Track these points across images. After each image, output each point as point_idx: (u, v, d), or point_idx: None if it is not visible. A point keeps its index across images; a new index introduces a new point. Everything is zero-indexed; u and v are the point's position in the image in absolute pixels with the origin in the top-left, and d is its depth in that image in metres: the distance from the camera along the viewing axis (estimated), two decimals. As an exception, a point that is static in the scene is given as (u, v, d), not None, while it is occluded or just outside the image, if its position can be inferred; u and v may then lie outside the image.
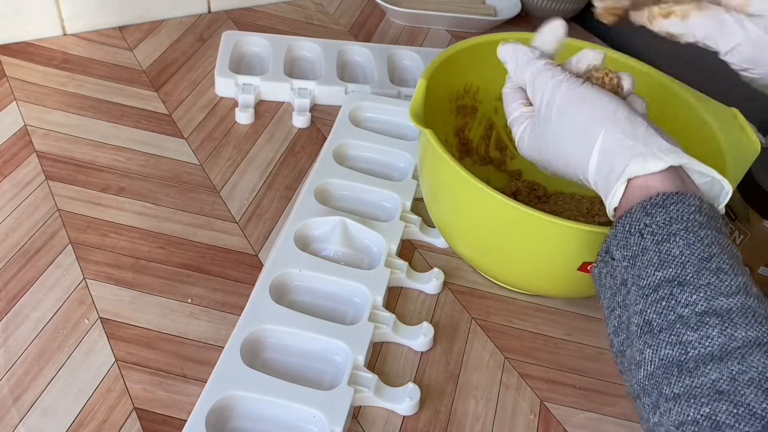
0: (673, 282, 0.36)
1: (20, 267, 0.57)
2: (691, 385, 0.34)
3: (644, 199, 0.39)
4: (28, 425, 0.47)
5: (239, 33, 0.84)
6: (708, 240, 0.37)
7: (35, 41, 0.81)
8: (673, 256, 0.37)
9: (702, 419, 0.33)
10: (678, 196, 0.38)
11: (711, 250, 0.37)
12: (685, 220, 0.37)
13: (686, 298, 0.35)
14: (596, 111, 0.42)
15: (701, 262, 0.36)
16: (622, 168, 0.40)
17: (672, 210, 0.38)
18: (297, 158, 0.71)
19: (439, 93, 0.62)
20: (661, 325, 0.36)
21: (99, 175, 0.66)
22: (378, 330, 0.55)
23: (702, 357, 0.34)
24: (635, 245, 0.38)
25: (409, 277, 0.60)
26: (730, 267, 0.36)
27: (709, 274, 0.36)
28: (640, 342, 0.37)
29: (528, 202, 0.67)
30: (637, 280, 0.38)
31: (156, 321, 0.55)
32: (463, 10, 0.95)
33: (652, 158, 0.39)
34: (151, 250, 0.60)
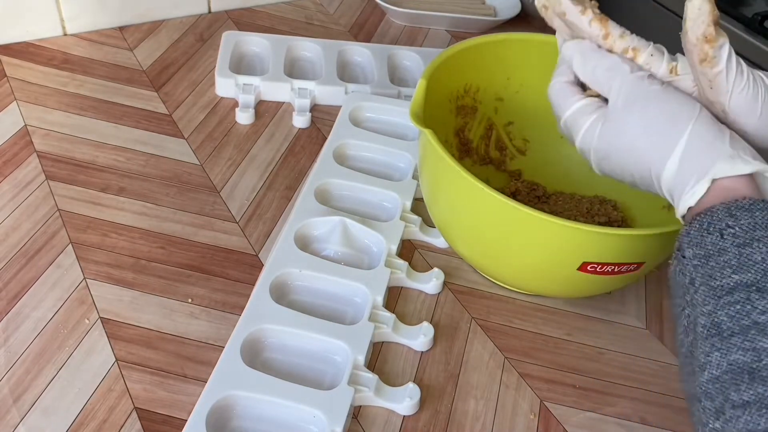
0: (752, 287, 0.35)
1: (21, 267, 0.57)
2: (764, 394, 0.33)
3: (728, 201, 0.38)
4: (28, 425, 0.47)
5: (239, 33, 0.84)
6: None
7: (35, 41, 0.81)
8: (755, 261, 0.36)
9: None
10: (764, 203, 0.37)
11: None
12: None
13: (765, 305, 0.35)
14: (682, 108, 0.41)
15: None
16: (708, 167, 0.39)
17: (758, 216, 0.37)
18: (297, 158, 0.72)
19: (439, 93, 0.62)
20: (732, 329, 0.35)
21: (99, 175, 0.66)
22: (378, 330, 0.55)
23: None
24: (711, 245, 0.37)
25: (409, 277, 0.60)
26: None
27: None
28: (707, 344, 0.36)
29: (528, 202, 0.67)
30: (708, 280, 0.37)
31: (156, 321, 0.55)
32: (463, 10, 0.95)
33: (740, 161, 0.39)
34: (151, 250, 0.60)
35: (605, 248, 0.49)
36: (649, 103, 0.42)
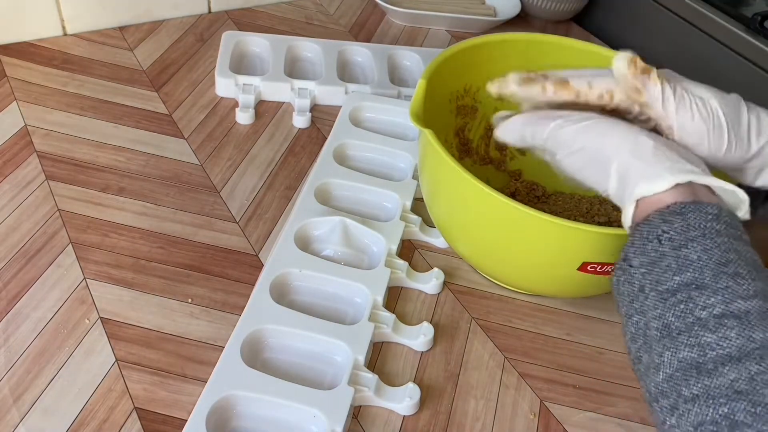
0: (691, 286, 0.37)
1: (21, 267, 0.57)
2: (710, 386, 0.34)
3: (662, 209, 0.40)
4: (28, 425, 0.47)
5: (239, 33, 0.84)
6: (725, 246, 0.38)
7: (35, 41, 0.81)
8: (691, 261, 0.38)
9: (720, 419, 0.33)
10: (695, 205, 0.39)
11: (728, 256, 0.37)
12: (702, 228, 0.38)
13: (704, 301, 0.36)
14: (606, 141, 0.44)
15: (718, 266, 0.37)
16: (632, 190, 0.42)
17: (690, 217, 0.39)
18: (297, 158, 0.72)
19: (439, 93, 0.62)
20: (679, 327, 0.36)
21: (99, 175, 0.66)
22: (378, 330, 0.55)
23: (720, 358, 0.34)
24: (653, 251, 0.39)
25: (409, 277, 0.60)
26: (748, 272, 0.37)
27: (727, 278, 0.37)
28: (659, 345, 0.37)
29: (527, 202, 0.67)
30: (656, 285, 0.38)
31: (156, 321, 0.55)
32: (463, 10, 0.95)
33: (657, 179, 0.41)
34: (151, 250, 0.60)
35: (605, 248, 0.49)
36: (578, 145, 0.45)
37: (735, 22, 0.82)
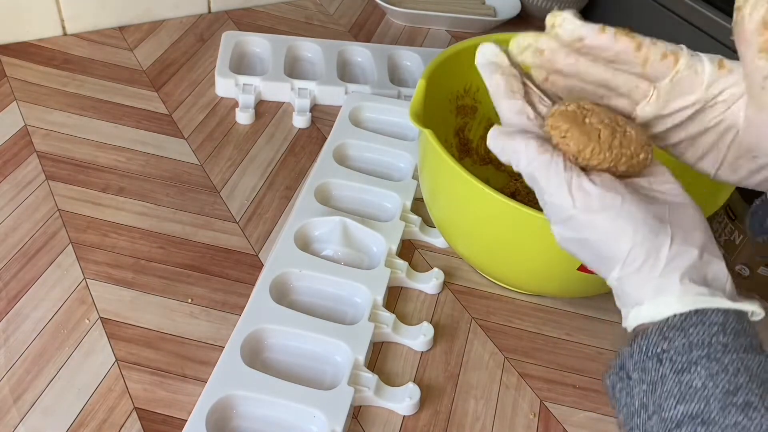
0: (697, 419, 0.33)
1: (21, 267, 0.57)
2: None
3: (661, 320, 0.35)
4: (28, 425, 0.47)
5: (239, 33, 0.84)
6: (733, 367, 0.33)
7: (35, 41, 0.81)
8: (696, 389, 0.33)
9: None
10: (698, 316, 0.34)
11: (737, 381, 0.33)
12: (706, 345, 0.34)
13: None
14: (615, 237, 0.37)
15: (726, 396, 0.33)
16: (633, 310, 0.37)
17: (692, 333, 0.34)
18: (297, 158, 0.72)
19: (439, 93, 0.62)
20: None
21: (99, 175, 0.66)
22: (378, 330, 0.55)
23: None
24: (654, 371, 0.35)
25: (409, 277, 0.60)
26: (760, 399, 0.33)
27: (736, 412, 0.33)
28: None
29: (527, 202, 0.67)
30: (659, 410, 0.35)
31: (156, 321, 0.55)
32: (463, 10, 0.95)
33: (663, 306, 0.35)
34: (151, 250, 0.60)
35: (605, 248, 0.49)
36: (572, 231, 0.38)
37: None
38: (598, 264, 0.38)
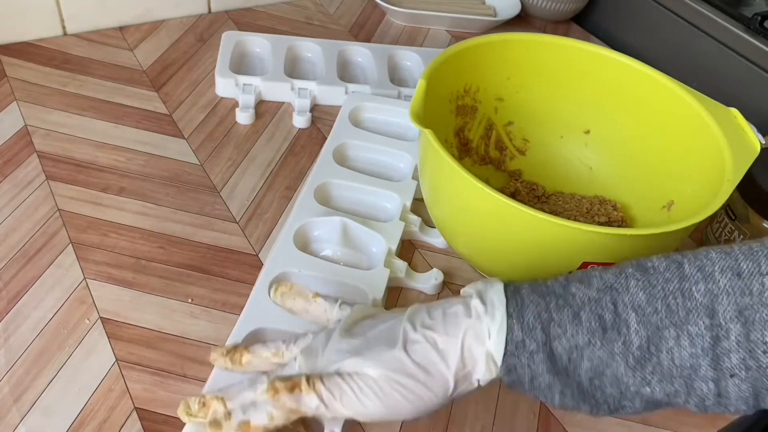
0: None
1: (21, 267, 0.57)
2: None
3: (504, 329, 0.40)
4: (28, 425, 0.47)
5: (239, 33, 0.84)
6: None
7: (35, 41, 0.81)
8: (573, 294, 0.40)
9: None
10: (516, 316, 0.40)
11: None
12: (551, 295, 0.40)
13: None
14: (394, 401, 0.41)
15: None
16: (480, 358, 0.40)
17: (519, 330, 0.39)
18: (297, 158, 0.72)
19: (439, 93, 0.62)
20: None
21: (99, 175, 0.66)
22: (378, 330, 0.55)
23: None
24: (528, 367, 0.40)
25: (408, 278, 0.60)
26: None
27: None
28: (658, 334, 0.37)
29: (527, 202, 0.67)
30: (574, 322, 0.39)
31: (156, 321, 0.55)
32: (463, 10, 0.95)
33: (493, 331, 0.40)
34: (151, 250, 0.60)
35: (605, 248, 0.49)
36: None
37: (735, 22, 0.82)
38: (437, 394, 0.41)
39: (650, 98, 0.63)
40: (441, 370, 0.40)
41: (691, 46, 0.87)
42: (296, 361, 0.44)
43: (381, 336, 0.41)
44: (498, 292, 0.41)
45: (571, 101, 0.67)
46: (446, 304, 0.42)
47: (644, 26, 0.94)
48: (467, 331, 0.40)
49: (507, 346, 0.39)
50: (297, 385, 0.41)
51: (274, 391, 0.41)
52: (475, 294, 0.41)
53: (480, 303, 0.40)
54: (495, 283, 0.42)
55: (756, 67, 0.80)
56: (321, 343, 0.44)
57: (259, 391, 0.42)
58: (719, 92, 0.65)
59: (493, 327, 0.39)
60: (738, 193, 0.62)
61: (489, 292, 0.41)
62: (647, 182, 0.64)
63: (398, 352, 0.40)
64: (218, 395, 0.44)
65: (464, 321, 0.40)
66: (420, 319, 0.41)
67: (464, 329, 0.40)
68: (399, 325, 0.41)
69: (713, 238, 0.66)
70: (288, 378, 0.42)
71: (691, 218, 0.49)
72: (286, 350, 0.45)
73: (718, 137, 0.56)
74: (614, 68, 0.64)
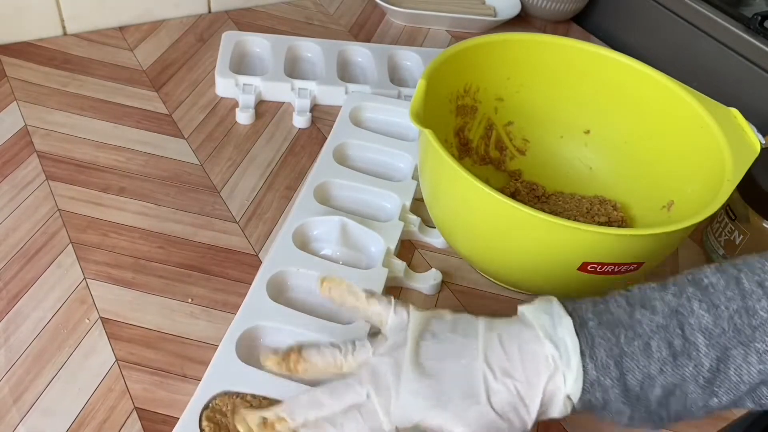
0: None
1: (21, 267, 0.57)
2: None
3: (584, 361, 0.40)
4: (28, 425, 0.47)
5: (239, 33, 0.84)
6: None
7: (35, 41, 0.81)
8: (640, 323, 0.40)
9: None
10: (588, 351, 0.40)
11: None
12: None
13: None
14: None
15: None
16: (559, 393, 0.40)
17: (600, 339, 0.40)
18: (297, 158, 0.72)
19: (439, 93, 0.62)
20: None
21: (99, 175, 0.66)
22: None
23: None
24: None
25: (407, 277, 0.60)
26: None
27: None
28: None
29: (527, 202, 0.67)
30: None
31: (156, 321, 0.55)
32: (463, 10, 0.95)
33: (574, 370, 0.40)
34: (151, 250, 0.60)
35: (605, 248, 0.49)
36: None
37: (735, 22, 0.82)
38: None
39: (650, 98, 0.63)
40: (523, 417, 0.40)
41: (691, 46, 0.87)
42: (362, 386, 0.41)
43: (459, 380, 0.40)
44: (569, 330, 0.40)
45: (571, 101, 0.67)
46: (518, 337, 0.41)
47: (644, 26, 0.94)
48: (548, 378, 0.40)
49: (583, 385, 0.39)
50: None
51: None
52: (542, 331, 0.41)
53: (553, 348, 0.40)
54: (561, 315, 0.41)
55: (756, 67, 0.80)
56: (390, 369, 0.41)
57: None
58: (719, 92, 0.65)
59: (569, 373, 0.39)
60: (738, 193, 0.62)
61: (558, 330, 0.40)
62: (647, 182, 0.64)
63: (484, 407, 0.39)
64: (280, 414, 0.42)
65: (544, 368, 0.40)
66: (498, 363, 0.40)
67: (545, 377, 0.40)
68: (476, 364, 0.40)
69: (713, 238, 0.66)
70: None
71: (691, 218, 0.49)
72: (345, 361, 0.43)
73: (718, 137, 0.56)
74: (614, 68, 0.64)
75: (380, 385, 0.41)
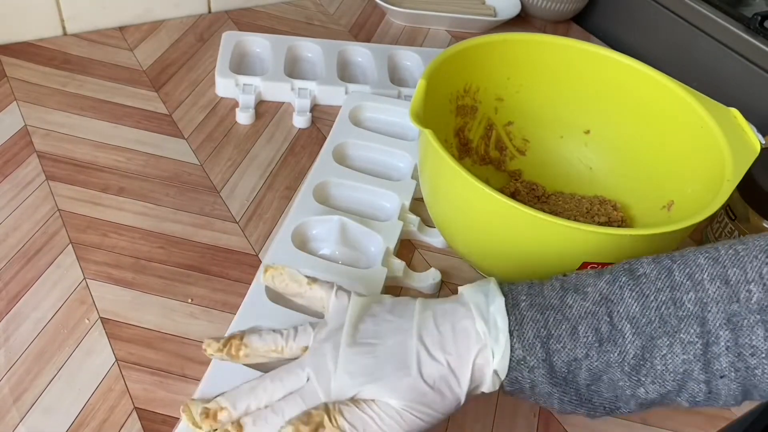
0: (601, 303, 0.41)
1: (21, 267, 0.57)
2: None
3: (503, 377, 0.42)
4: (28, 425, 0.48)
5: (239, 33, 0.84)
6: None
7: (35, 41, 0.81)
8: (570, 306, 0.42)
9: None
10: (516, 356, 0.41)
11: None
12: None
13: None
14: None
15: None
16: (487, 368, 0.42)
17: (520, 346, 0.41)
18: (297, 158, 0.72)
19: (439, 93, 0.62)
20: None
21: (99, 175, 0.66)
22: (378, 330, 0.55)
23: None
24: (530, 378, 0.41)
25: (406, 277, 0.60)
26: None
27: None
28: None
29: (527, 202, 0.67)
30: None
31: (156, 321, 0.55)
32: (463, 10, 0.95)
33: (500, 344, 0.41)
34: (151, 250, 0.60)
35: (605, 248, 0.49)
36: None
37: (735, 22, 0.82)
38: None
39: (650, 98, 0.63)
40: (455, 390, 0.41)
41: (690, 46, 0.87)
42: (303, 370, 0.43)
43: (393, 355, 0.41)
44: (500, 309, 0.42)
45: (571, 101, 0.67)
46: (452, 315, 0.43)
47: (644, 26, 0.94)
48: (477, 352, 0.41)
49: (510, 362, 0.41)
50: (320, 424, 0.40)
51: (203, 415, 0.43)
52: (475, 310, 0.42)
53: (483, 324, 0.41)
54: (495, 295, 0.43)
55: (756, 67, 0.80)
56: (329, 352, 0.43)
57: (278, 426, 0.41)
58: (719, 92, 0.65)
59: (497, 349, 0.41)
60: (738, 193, 0.62)
61: (491, 308, 0.42)
62: (647, 182, 0.64)
63: (416, 379, 0.41)
64: (222, 404, 0.43)
65: (474, 343, 0.41)
66: (431, 338, 0.42)
67: (475, 352, 0.41)
68: (410, 341, 0.42)
69: (713, 238, 0.66)
70: (307, 415, 0.40)
71: (691, 218, 0.49)
72: (285, 346, 0.45)
73: (718, 137, 0.56)
74: (614, 68, 0.64)
75: (320, 368, 0.42)
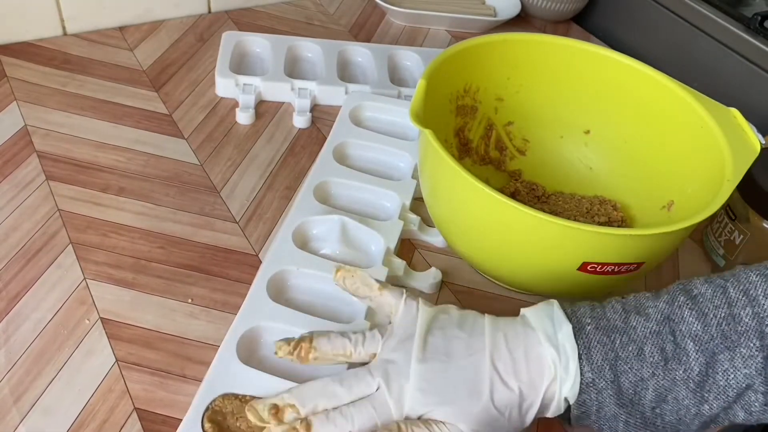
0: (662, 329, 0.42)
1: (21, 267, 0.57)
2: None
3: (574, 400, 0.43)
4: (28, 425, 0.47)
5: (239, 33, 0.84)
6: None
7: (35, 41, 0.81)
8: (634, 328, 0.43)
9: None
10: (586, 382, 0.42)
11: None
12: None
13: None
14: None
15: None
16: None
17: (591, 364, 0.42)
18: (297, 158, 0.72)
19: (439, 93, 0.62)
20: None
21: (99, 175, 0.66)
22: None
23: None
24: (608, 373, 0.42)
25: (406, 276, 0.60)
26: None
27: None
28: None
29: (527, 202, 0.67)
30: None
31: (156, 321, 0.55)
32: (463, 10, 0.95)
33: (571, 372, 0.42)
34: (151, 250, 0.60)
35: (605, 248, 0.49)
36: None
37: (735, 22, 0.82)
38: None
39: (650, 98, 0.63)
40: (523, 415, 0.43)
41: (690, 46, 0.87)
42: (373, 378, 0.43)
43: (466, 379, 0.42)
44: (569, 336, 0.43)
45: (571, 101, 0.67)
46: (524, 339, 0.44)
47: (644, 26, 0.94)
48: (550, 382, 0.42)
49: (579, 386, 0.42)
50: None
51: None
52: (543, 335, 0.43)
53: (554, 351, 0.42)
54: (562, 321, 0.44)
55: (756, 67, 0.80)
56: (400, 363, 0.43)
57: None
58: (719, 92, 0.65)
59: (567, 376, 0.42)
60: (738, 193, 0.62)
61: (559, 336, 0.43)
62: (647, 182, 0.64)
63: (487, 405, 0.42)
64: (289, 401, 0.43)
65: (547, 371, 0.42)
66: (503, 363, 0.43)
67: (547, 381, 0.42)
68: (482, 365, 0.43)
69: (713, 238, 0.66)
70: (385, 429, 0.41)
71: (691, 218, 0.49)
72: (354, 351, 0.45)
73: (718, 137, 0.56)
74: (614, 68, 0.64)
75: (391, 379, 0.43)
